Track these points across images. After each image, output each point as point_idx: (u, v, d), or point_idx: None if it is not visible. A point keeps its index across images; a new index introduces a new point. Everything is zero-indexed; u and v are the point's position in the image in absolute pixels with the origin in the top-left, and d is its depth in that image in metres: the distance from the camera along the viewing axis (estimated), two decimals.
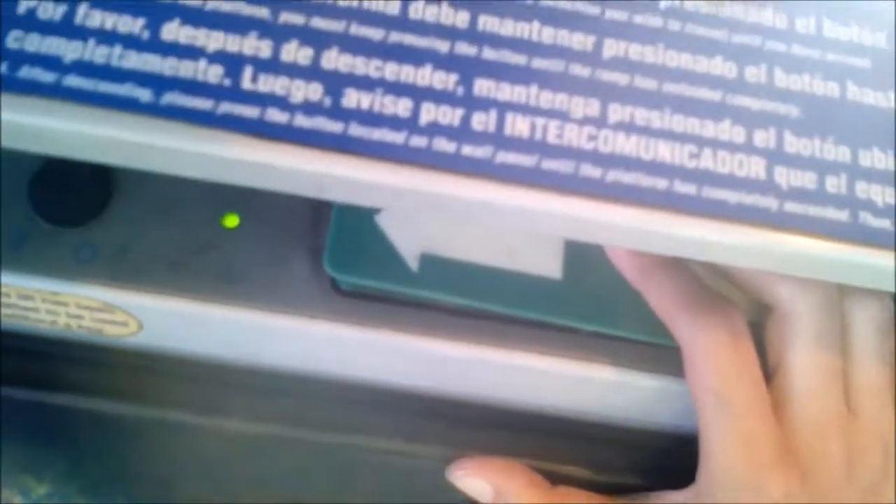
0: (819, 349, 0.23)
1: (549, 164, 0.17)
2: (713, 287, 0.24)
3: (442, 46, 0.18)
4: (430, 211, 0.17)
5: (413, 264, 0.24)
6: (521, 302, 0.25)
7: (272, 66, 0.17)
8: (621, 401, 0.27)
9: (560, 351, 0.26)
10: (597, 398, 0.27)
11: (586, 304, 0.25)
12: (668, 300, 0.24)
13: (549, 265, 0.25)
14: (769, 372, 0.24)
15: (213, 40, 0.17)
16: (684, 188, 0.18)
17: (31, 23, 0.17)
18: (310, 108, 0.17)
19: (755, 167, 0.18)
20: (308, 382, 0.27)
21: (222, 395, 0.26)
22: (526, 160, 0.17)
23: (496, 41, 0.18)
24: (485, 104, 0.17)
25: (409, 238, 0.25)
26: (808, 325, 0.23)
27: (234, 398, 0.26)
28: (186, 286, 0.25)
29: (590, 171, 0.17)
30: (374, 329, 0.25)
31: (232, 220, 0.25)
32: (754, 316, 0.25)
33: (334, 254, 0.24)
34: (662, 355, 0.26)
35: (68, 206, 0.24)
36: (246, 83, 0.17)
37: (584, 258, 0.25)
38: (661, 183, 0.17)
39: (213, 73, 0.17)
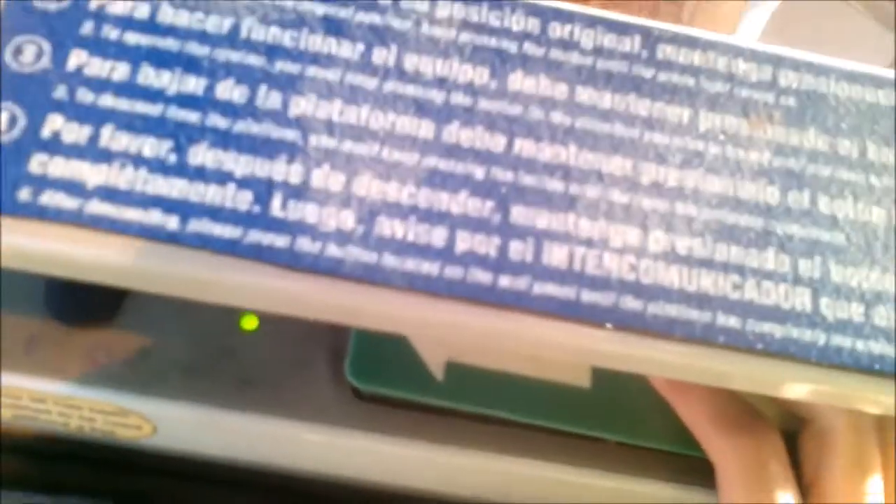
0: (856, 470, 0.23)
1: (589, 296, 0.17)
2: (745, 398, 0.23)
3: (478, 172, 0.17)
4: (463, 341, 0.17)
5: (438, 374, 0.24)
6: (548, 412, 0.24)
7: (303, 192, 0.16)
8: None
9: (587, 461, 0.25)
10: None
11: (615, 414, 0.24)
12: (699, 413, 0.23)
13: (578, 374, 0.25)
14: (804, 485, 0.23)
15: (242, 165, 0.16)
16: (728, 321, 0.17)
17: (55, 146, 0.16)
18: (341, 237, 0.16)
19: (800, 298, 0.17)
20: (327, 487, 0.26)
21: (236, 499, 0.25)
22: (564, 292, 0.16)
23: (533, 166, 0.17)
24: (522, 232, 0.17)
25: (434, 347, 0.24)
26: (845, 444, 0.23)
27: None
28: (204, 391, 0.24)
29: (630, 303, 0.17)
30: (395, 437, 0.24)
31: (250, 321, 0.25)
32: (789, 425, 0.24)
33: (357, 363, 0.24)
34: (691, 466, 0.25)
35: (82, 308, 0.24)
36: (275, 210, 0.16)
37: None
38: (704, 316, 0.17)
39: (242, 200, 0.16)
